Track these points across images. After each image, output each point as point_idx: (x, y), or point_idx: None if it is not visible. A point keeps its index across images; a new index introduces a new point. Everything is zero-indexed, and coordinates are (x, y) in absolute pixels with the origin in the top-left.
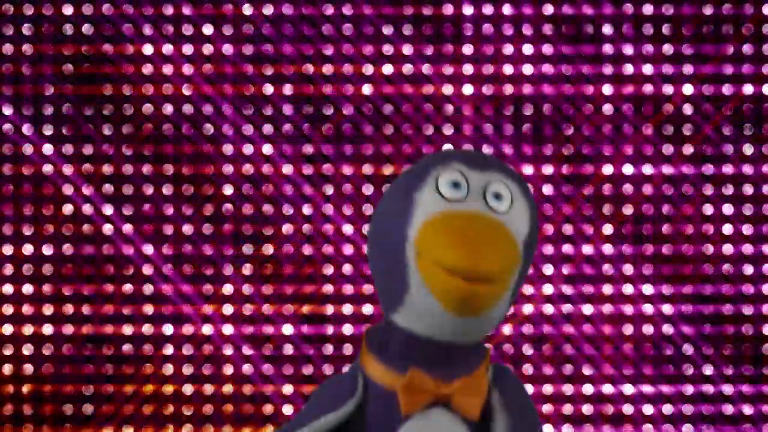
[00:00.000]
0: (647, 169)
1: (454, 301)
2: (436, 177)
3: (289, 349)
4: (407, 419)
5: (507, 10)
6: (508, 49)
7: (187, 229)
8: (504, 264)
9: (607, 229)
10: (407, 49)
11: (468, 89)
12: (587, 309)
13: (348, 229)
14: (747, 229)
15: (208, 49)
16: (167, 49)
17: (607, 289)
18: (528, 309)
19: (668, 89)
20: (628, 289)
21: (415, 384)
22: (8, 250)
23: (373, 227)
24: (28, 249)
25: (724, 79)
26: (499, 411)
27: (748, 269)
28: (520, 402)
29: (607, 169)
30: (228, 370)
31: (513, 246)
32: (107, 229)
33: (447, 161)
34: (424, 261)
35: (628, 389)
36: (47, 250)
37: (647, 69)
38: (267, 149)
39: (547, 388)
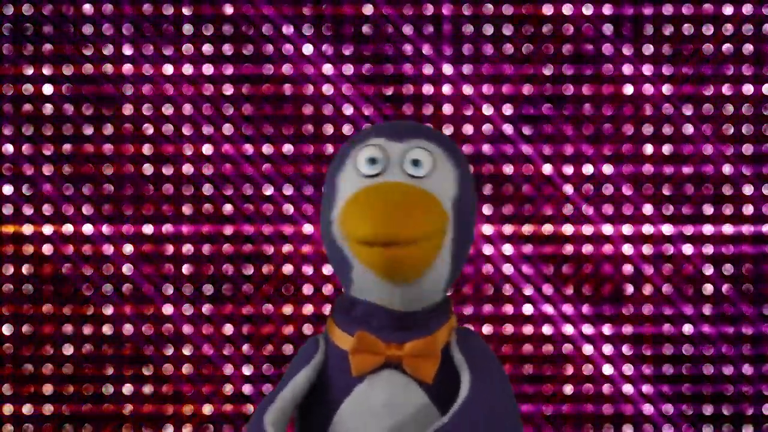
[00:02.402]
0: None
1: (382, 268)
2: (355, 156)
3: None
4: (360, 380)
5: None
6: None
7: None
8: (421, 224)
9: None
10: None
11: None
12: (587, 309)
13: None
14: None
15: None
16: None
17: (607, 289)
18: (528, 309)
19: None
20: (628, 289)
21: (363, 345)
22: None
23: (321, 215)
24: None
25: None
26: (464, 369)
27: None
28: (483, 359)
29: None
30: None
31: (432, 206)
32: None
33: (365, 138)
34: (349, 239)
35: (628, 389)
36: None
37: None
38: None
39: (547, 388)
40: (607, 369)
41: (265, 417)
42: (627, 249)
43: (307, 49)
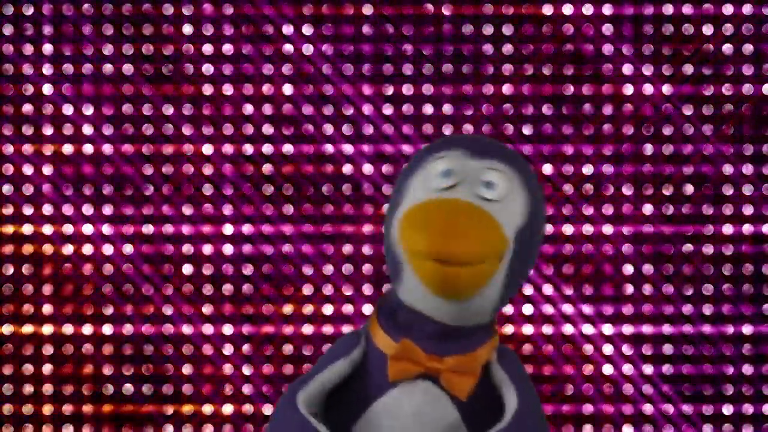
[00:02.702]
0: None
1: (434, 283)
2: (430, 165)
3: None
4: (395, 385)
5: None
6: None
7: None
8: (479, 246)
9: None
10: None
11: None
12: (587, 309)
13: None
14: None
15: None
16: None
17: (607, 289)
18: (528, 309)
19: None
20: (628, 289)
21: (404, 353)
22: None
23: (386, 211)
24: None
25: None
26: (508, 385)
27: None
28: (524, 378)
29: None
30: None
31: (493, 231)
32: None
33: (446, 147)
34: (405, 247)
35: (628, 389)
36: None
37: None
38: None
39: (547, 388)
40: (607, 369)
41: (298, 395)
42: (627, 249)
43: (307, 49)
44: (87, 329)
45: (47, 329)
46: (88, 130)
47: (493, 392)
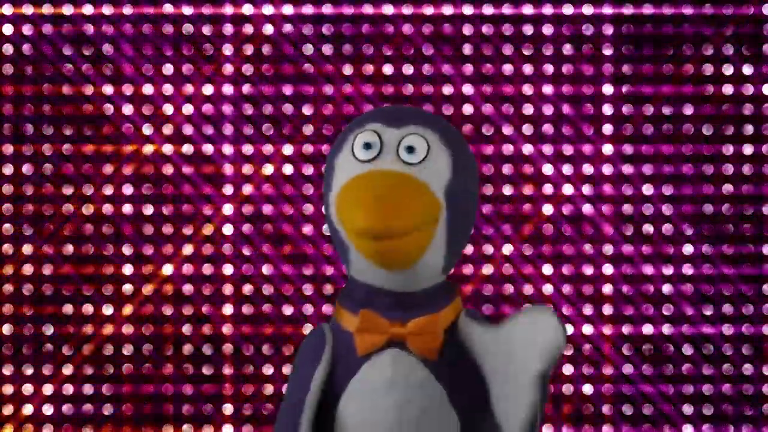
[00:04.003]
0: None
1: (376, 258)
2: (352, 140)
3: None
4: (365, 360)
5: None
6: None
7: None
8: (412, 215)
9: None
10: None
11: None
12: (587, 310)
13: None
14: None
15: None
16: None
17: (607, 289)
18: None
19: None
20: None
21: (367, 324)
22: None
23: (321, 194)
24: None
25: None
26: (477, 343)
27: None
28: (491, 334)
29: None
30: None
31: (424, 196)
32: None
33: (363, 122)
34: (344, 227)
35: (628, 389)
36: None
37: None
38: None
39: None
40: (607, 369)
41: (301, 429)
42: (626, 249)
43: (307, 49)
44: (87, 329)
45: (47, 329)
46: (88, 131)
47: (463, 349)
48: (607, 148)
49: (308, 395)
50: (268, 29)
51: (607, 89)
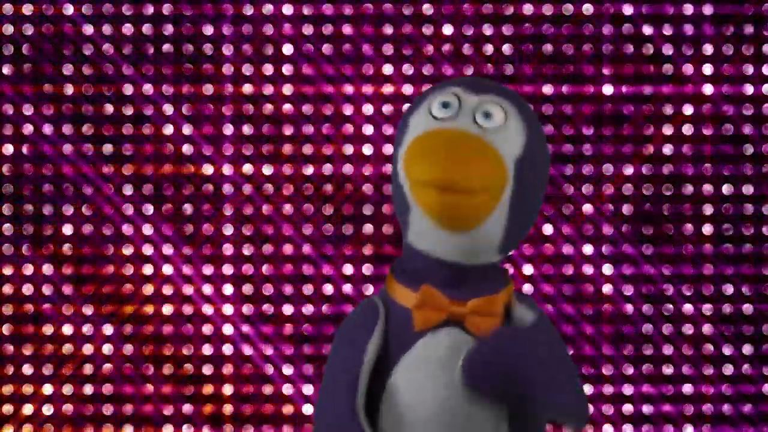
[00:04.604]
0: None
1: (437, 212)
2: (431, 100)
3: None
4: (421, 336)
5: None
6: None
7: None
8: (481, 175)
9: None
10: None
11: None
12: (587, 309)
13: None
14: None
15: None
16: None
17: (607, 288)
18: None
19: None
20: (628, 290)
21: (427, 300)
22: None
23: (393, 153)
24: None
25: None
26: (528, 315)
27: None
28: (542, 312)
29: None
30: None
31: (494, 160)
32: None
33: (444, 86)
34: (409, 178)
35: (628, 389)
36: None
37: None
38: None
39: None
40: (607, 369)
41: (358, 410)
42: (626, 248)
43: (307, 48)
44: (87, 329)
45: (47, 329)
46: (88, 131)
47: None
48: (607, 149)
49: (362, 372)
50: (268, 29)
51: (607, 89)
